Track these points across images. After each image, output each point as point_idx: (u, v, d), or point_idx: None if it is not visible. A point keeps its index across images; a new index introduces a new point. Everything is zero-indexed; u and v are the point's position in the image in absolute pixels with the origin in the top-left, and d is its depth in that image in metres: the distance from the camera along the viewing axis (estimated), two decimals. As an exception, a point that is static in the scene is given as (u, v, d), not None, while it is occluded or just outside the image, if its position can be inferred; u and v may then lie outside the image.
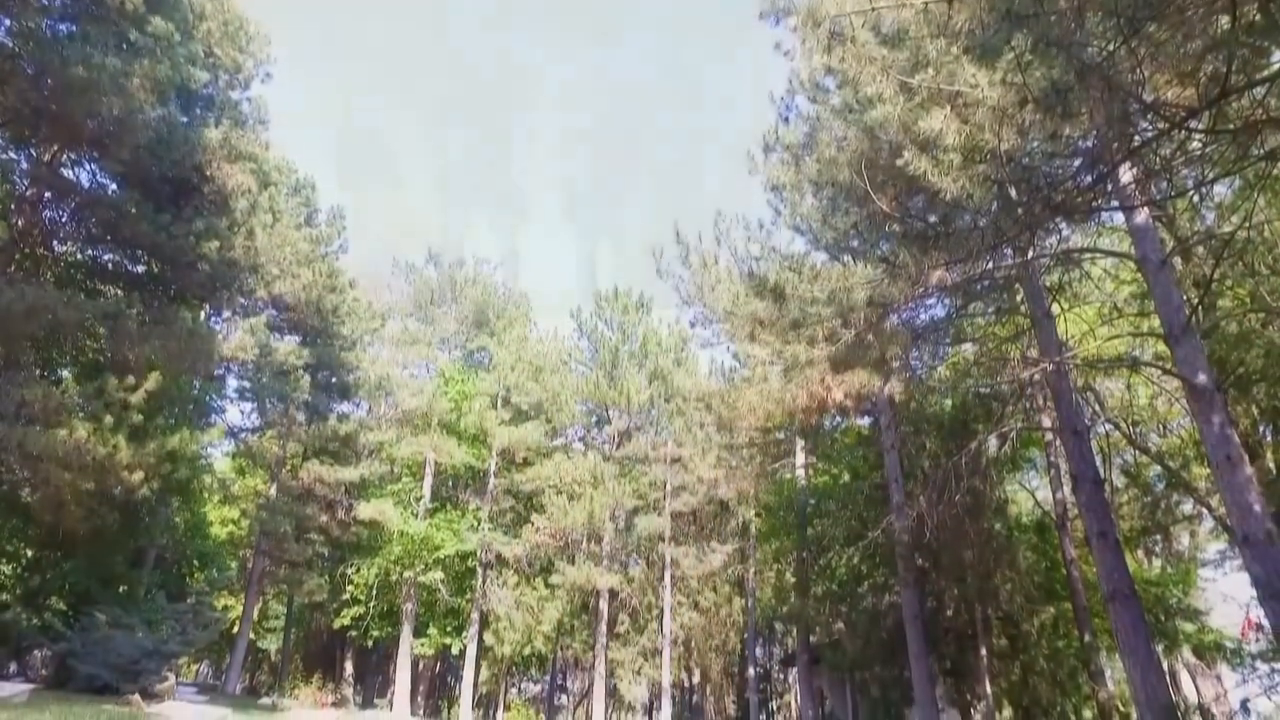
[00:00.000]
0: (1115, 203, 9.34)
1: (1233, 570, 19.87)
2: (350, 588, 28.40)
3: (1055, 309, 12.49)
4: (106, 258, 17.64)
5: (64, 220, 16.52)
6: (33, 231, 15.64)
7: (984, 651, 14.62)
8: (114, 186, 16.42)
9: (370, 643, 30.65)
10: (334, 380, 27.68)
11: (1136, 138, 7.19)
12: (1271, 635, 7.69)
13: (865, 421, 19.98)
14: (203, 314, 20.93)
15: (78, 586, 17.12)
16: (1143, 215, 9.31)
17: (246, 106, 19.11)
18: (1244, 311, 11.66)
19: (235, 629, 26.20)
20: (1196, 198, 11.43)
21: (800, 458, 23.17)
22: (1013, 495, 20.44)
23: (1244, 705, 12.78)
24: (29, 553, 19.09)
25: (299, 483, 25.08)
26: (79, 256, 17.48)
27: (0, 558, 18.96)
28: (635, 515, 28.12)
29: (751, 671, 26.02)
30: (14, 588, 18.78)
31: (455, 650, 28.90)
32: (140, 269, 17.63)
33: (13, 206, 15.13)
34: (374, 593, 27.99)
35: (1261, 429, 13.23)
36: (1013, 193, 8.96)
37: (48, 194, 15.81)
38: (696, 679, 37.12)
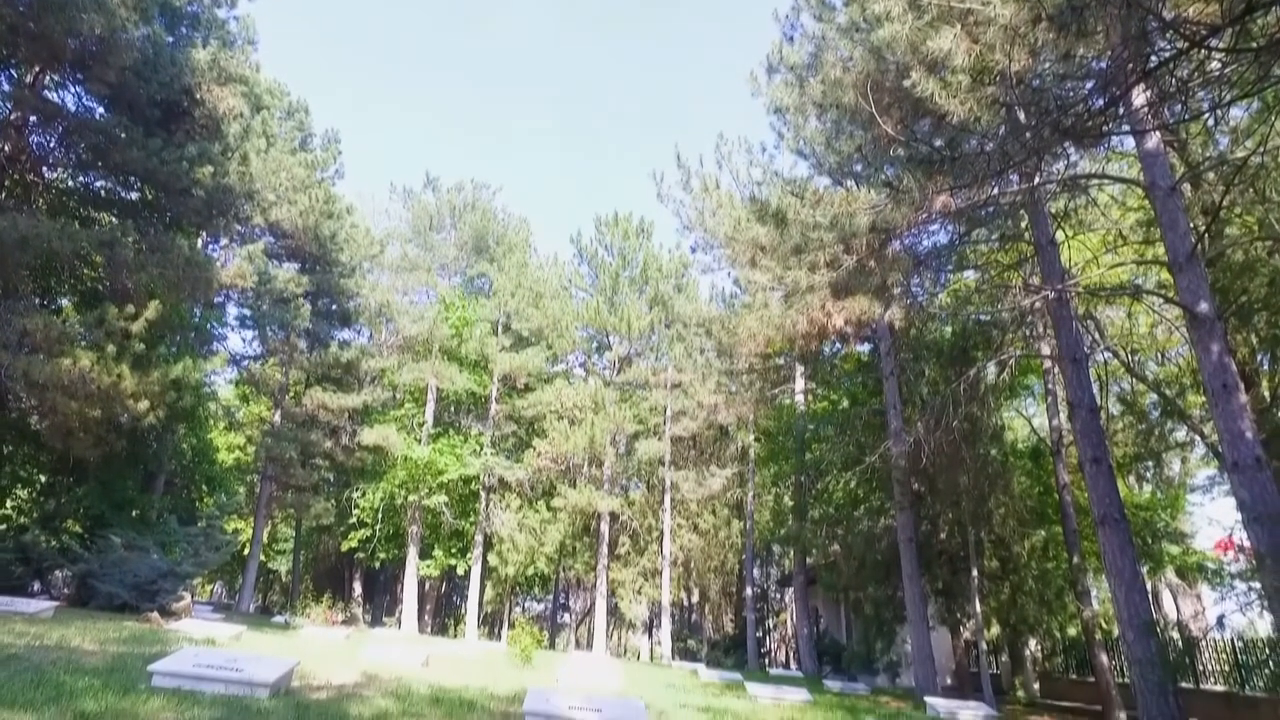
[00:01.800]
0: (1126, 127, 9.13)
1: (1220, 495, 20.34)
2: (357, 511, 29.15)
3: (1060, 236, 12.34)
4: (98, 184, 17.34)
5: (52, 145, 16.16)
6: (20, 157, 15.33)
7: (975, 573, 15.04)
8: (101, 110, 16.01)
9: (378, 564, 31.58)
10: (334, 307, 27.72)
11: (1153, 58, 6.95)
12: (1253, 557, 7.91)
13: (865, 348, 20.05)
14: (200, 241, 20.78)
15: (92, 510, 17.55)
16: (1154, 140, 9.11)
17: (234, 26, 18.52)
18: (1251, 239, 11.51)
19: (246, 551, 26.96)
20: (1211, 121, 11.16)
21: (800, 383, 23.36)
22: (1009, 422, 20.68)
23: (1220, 620, 13.33)
24: (42, 478, 19.52)
25: (303, 409, 25.39)
26: (70, 183, 17.18)
27: (15, 483, 19.39)
28: (635, 440, 28.52)
29: (749, 591, 26.81)
30: (30, 511, 19.26)
31: (460, 571, 29.80)
32: (134, 196, 17.37)
33: (-3, 130, 14.81)
34: (380, 516, 28.71)
35: (1259, 358, 13.25)
36: (1021, 116, 8.76)
37: (33, 118, 15.41)
38: (695, 598, 38.36)
